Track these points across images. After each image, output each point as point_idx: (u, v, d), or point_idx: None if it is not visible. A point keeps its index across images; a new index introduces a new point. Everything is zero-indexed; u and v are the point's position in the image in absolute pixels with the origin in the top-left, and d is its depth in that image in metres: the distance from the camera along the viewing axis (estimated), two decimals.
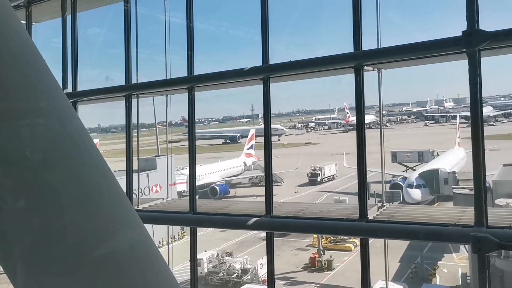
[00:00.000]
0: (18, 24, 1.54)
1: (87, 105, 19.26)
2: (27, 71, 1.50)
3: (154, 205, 16.26)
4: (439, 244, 32.74)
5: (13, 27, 1.51)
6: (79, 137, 1.57)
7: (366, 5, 12.06)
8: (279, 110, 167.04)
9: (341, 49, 12.67)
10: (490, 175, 23.48)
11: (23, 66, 1.49)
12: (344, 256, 35.60)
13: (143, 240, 1.59)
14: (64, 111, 1.57)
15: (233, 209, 14.85)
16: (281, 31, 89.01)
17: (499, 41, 10.04)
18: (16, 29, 1.52)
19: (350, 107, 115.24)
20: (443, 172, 43.98)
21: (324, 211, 13.53)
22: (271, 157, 13.75)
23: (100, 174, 1.59)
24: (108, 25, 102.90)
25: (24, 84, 1.47)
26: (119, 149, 38.56)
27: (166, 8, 16.72)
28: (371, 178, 14.71)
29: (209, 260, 34.66)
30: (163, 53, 16.41)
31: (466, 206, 15.68)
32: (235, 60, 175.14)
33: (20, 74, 1.47)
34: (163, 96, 17.47)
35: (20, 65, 1.48)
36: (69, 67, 17.51)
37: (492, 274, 11.32)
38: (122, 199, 1.61)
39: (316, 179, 60.98)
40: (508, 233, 9.68)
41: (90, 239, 1.45)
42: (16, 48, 1.49)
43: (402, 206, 18.36)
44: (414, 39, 11.63)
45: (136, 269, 1.52)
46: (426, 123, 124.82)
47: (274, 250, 13.59)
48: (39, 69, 1.55)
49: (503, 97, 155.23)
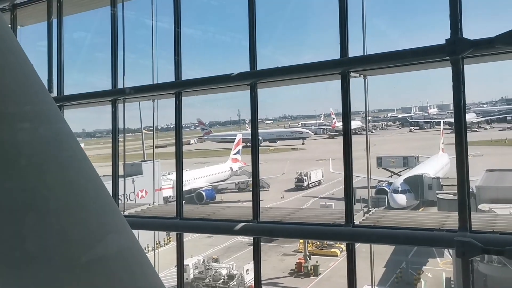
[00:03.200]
0: (5, 28, 1.53)
1: (72, 109, 19.07)
2: (15, 75, 1.49)
3: (140, 211, 16.12)
4: (424, 249, 33.07)
5: (1, 31, 1.50)
6: (67, 142, 1.57)
7: (352, 12, 12.21)
8: (265, 115, 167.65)
9: (328, 55, 12.80)
10: (474, 180, 23.84)
11: (11, 70, 1.48)
12: (331, 261, 35.72)
13: (131, 245, 1.59)
14: (51, 115, 1.56)
15: (220, 215, 14.81)
16: (268, 37, 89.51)
17: (481, 49, 10.22)
18: (4, 33, 1.51)
19: (336, 112, 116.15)
20: (427, 178, 44.53)
21: (311, 216, 13.57)
22: (258, 162, 13.76)
23: (88, 178, 1.58)
24: (94, 29, 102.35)
25: (11, 88, 1.46)
26: (104, 154, 38.23)
27: (153, 12, 16.69)
28: (357, 184, 14.81)
29: (195, 266, 34.45)
30: (149, 57, 16.34)
31: (450, 211, 15.91)
32: (223, 65, 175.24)
33: (7, 77, 1.46)
34: (149, 101, 17.38)
35: (8, 68, 1.47)
36: (55, 71, 17.31)
37: (476, 278, 11.48)
38: (109, 204, 1.60)
39: (303, 184, 61.18)
40: (491, 237, 9.82)
41: (77, 244, 1.44)
42: (4, 52, 1.48)
43: (388, 211, 18.50)
44: (398, 46, 11.81)
45: (124, 275, 1.51)
46: (410, 129, 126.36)
47: (261, 256, 13.57)
48: (27, 73, 1.54)
49: (485, 104, 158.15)
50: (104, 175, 18.00)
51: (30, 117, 1.48)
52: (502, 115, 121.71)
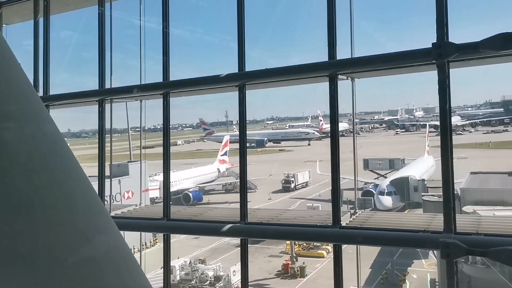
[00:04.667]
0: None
1: (57, 109, 18.84)
2: (1, 73, 1.47)
3: (126, 212, 16.01)
4: (409, 250, 33.39)
5: None
6: (54, 142, 1.55)
7: (340, 15, 12.29)
8: (253, 117, 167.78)
9: (316, 58, 12.86)
10: (458, 182, 24.12)
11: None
12: (317, 262, 35.83)
13: (118, 246, 1.58)
14: (38, 115, 1.55)
15: (207, 216, 14.76)
16: (257, 39, 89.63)
17: (467, 53, 10.38)
18: None
19: (324, 114, 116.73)
20: (413, 180, 45.02)
21: (298, 218, 13.61)
22: (246, 163, 13.76)
23: (75, 179, 1.56)
24: (81, 28, 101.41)
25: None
26: (90, 155, 37.85)
27: (141, 12, 16.59)
28: (343, 185, 14.90)
29: (181, 268, 34.27)
30: (137, 58, 16.24)
31: (435, 213, 16.06)
32: (211, 66, 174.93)
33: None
34: (136, 101, 17.27)
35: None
36: (41, 70, 17.12)
37: (460, 279, 11.61)
38: (97, 205, 1.59)
39: (290, 186, 61.31)
40: (476, 239, 9.96)
41: (64, 245, 1.43)
42: None
43: (374, 212, 18.65)
44: (385, 49, 11.95)
45: (112, 275, 1.50)
46: (397, 132, 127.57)
47: (248, 257, 13.56)
48: (14, 71, 1.52)
49: (470, 107, 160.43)
50: (90, 175, 17.79)
51: (16, 116, 1.46)
52: (487, 118, 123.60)
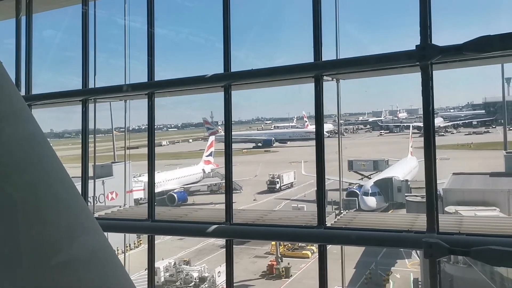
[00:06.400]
0: None
1: (40, 109, 18.56)
2: None
3: (110, 213, 15.84)
4: (393, 250, 33.77)
5: None
6: (37, 142, 1.53)
7: (325, 17, 12.37)
8: (238, 118, 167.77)
9: (302, 59, 12.91)
10: (441, 183, 24.47)
11: None
12: (302, 263, 35.98)
13: (102, 248, 1.56)
14: (21, 115, 1.52)
15: (192, 217, 14.70)
16: (242, 39, 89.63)
17: (450, 55, 10.53)
18: None
19: (309, 115, 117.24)
20: (396, 181, 45.55)
21: (283, 218, 13.63)
22: (232, 164, 13.74)
23: (58, 179, 1.55)
24: (65, 27, 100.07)
25: None
26: (73, 155, 37.40)
27: (126, 12, 16.44)
28: (328, 186, 14.98)
29: (166, 269, 34.09)
30: (121, 57, 16.08)
31: (418, 213, 16.28)
32: (196, 66, 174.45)
33: None
34: (121, 101, 17.11)
35: None
36: (23, 70, 16.85)
37: (442, 279, 11.78)
38: (80, 206, 1.58)
39: (275, 186, 61.45)
40: (458, 239, 10.11)
41: (48, 246, 1.41)
42: None
43: (358, 213, 18.79)
44: (370, 51, 12.07)
45: (96, 277, 1.49)
46: (381, 133, 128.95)
47: (233, 258, 13.54)
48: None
49: (452, 109, 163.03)
50: (73, 176, 17.57)
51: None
52: (468, 120, 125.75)
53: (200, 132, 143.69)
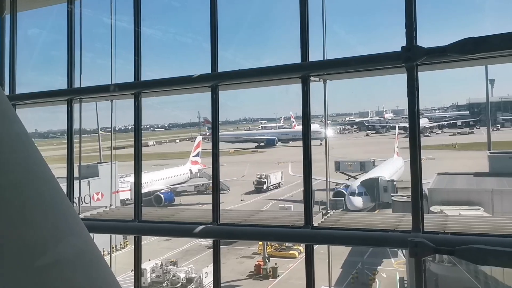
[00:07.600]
0: None
1: (24, 108, 18.31)
2: None
3: (96, 214, 15.70)
4: (379, 250, 34.03)
5: None
6: (21, 142, 1.51)
7: (312, 18, 12.42)
8: (226, 118, 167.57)
9: (289, 59, 12.95)
10: (426, 183, 24.76)
11: None
12: (289, 263, 36.06)
13: (88, 249, 1.55)
14: (5, 114, 1.50)
15: (179, 217, 14.65)
16: (230, 40, 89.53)
17: (435, 57, 10.67)
18: None
19: (296, 116, 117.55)
20: (382, 181, 45.94)
21: (271, 219, 13.66)
22: (219, 164, 13.72)
23: (43, 180, 1.53)
24: (50, 26, 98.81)
25: None
26: (58, 155, 36.99)
27: (112, 11, 16.30)
28: (315, 186, 15.04)
29: (152, 270, 33.86)
30: (107, 57, 15.93)
31: (404, 212, 16.44)
32: (183, 66, 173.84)
33: None
34: (107, 101, 16.96)
35: None
36: (7, 69, 16.63)
37: (428, 278, 11.91)
38: (66, 206, 1.56)
39: (262, 187, 61.48)
40: (443, 238, 10.24)
41: (33, 248, 1.39)
42: None
43: (345, 213, 18.91)
44: (356, 52, 12.14)
45: (82, 278, 1.47)
46: (367, 133, 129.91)
47: (220, 258, 13.51)
48: None
49: (437, 110, 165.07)
50: (58, 177, 17.37)
51: None
52: (453, 120, 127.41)
53: (187, 132, 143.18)
